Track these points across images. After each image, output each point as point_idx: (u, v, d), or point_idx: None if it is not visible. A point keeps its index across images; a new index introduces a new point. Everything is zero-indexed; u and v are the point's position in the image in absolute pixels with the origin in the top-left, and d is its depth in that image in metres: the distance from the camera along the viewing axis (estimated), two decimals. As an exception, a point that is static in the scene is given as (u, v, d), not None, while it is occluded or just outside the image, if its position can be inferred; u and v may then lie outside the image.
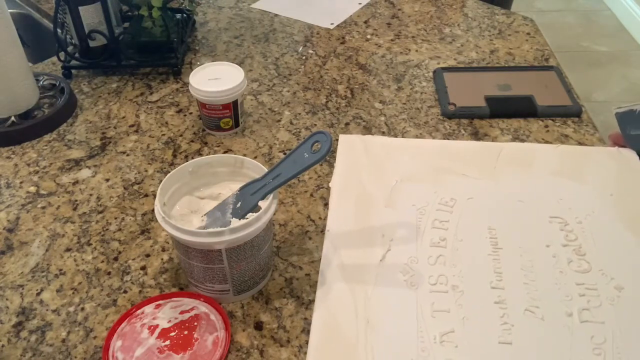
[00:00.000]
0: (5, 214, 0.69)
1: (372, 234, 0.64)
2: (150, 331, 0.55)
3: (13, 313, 0.58)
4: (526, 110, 0.83)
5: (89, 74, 0.93)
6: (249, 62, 0.96)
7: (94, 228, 0.67)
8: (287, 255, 0.64)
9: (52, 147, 0.79)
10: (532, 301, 0.57)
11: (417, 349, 0.53)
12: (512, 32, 1.04)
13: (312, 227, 0.67)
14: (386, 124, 0.82)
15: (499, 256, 0.62)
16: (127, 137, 0.80)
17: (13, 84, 0.78)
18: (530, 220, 0.66)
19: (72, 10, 0.85)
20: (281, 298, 0.59)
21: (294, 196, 0.71)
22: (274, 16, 1.09)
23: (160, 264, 0.63)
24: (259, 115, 0.84)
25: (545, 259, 0.61)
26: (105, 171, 0.75)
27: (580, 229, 0.64)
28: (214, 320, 0.56)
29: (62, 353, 0.55)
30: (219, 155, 0.60)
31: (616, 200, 0.68)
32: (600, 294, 0.58)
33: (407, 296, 0.58)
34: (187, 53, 0.97)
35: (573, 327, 0.55)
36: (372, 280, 0.59)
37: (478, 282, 0.59)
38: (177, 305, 0.57)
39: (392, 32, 1.04)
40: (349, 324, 0.55)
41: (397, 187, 0.70)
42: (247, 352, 0.55)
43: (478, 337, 0.54)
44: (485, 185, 0.70)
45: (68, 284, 0.61)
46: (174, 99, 0.88)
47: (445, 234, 0.64)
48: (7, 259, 0.64)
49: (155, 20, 0.90)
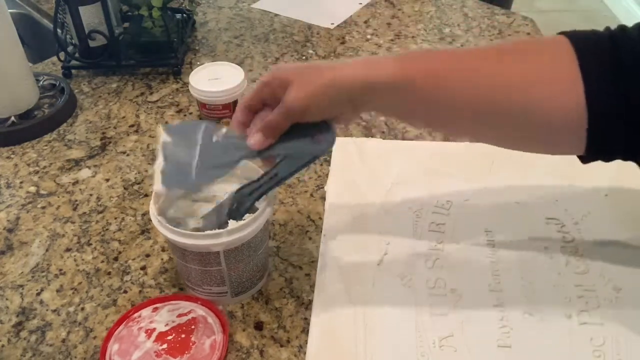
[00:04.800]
0: (5, 214, 0.69)
1: (369, 238, 0.64)
2: (147, 335, 0.55)
3: (13, 313, 0.59)
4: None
5: (89, 74, 0.93)
6: (249, 62, 0.96)
7: (94, 228, 0.67)
8: (287, 255, 0.64)
9: (52, 147, 0.79)
10: (530, 304, 0.57)
11: (417, 353, 0.53)
12: (512, 32, 1.04)
13: (312, 227, 0.67)
14: (386, 124, 0.82)
15: (496, 258, 0.62)
16: (127, 137, 0.80)
17: (13, 84, 0.78)
18: (527, 222, 0.66)
19: (72, 10, 0.85)
20: (281, 298, 0.60)
21: (294, 196, 0.71)
22: (274, 16, 1.09)
23: (160, 264, 0.63)
24: (258, 116, 0.84)
25: (542, 261, 0.61)
26: (105, 171, 0.75)
27: (577, 230, 0.65)
28: (212, 324, 0.56)
29: (62, 353, 0.55)
30: None
31: (612, 201, 0.68)
32: (598, 295, 0.58)
33: (405, 300, 0.58)
34: (187, 53, 0.97)
35: (572, 329, 0.55)
36: (369, 284, 0.59)
37: (476, 285, 0.59)
38: (174, 309, 0.57)
39: (392, 32, 1.04)
40: (347, 329, 0.55)
41: (393, 190, 0.70)
42: (247, 352, 0.55)
43: (477, 340, 0.54)
44: (481, 187, 0.70)
45: (68, 284, 0.61)
46: (174, 99, 0.88)
47: (442, 236, 0.64)
48: (7, 259, 0.64)
49: (155, 20, 0.90)
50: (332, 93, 0.49)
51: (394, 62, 0.50)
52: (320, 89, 0.49)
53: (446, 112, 0.51)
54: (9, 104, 0.79)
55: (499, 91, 0.48)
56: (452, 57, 0.52)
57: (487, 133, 0.53)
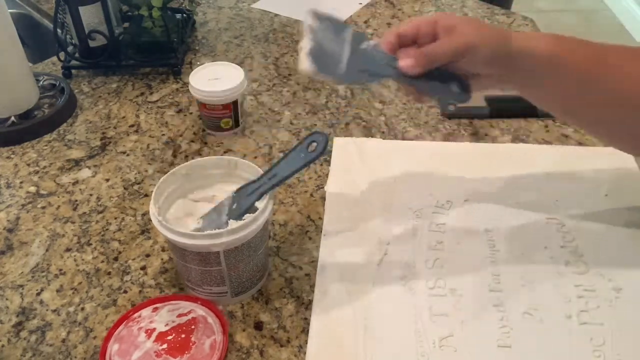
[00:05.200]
0: (5, 214, 0.69)
1: (369, 238, 0.64)
2: (147, 335, 0.55)
3: (13, 313, 0.59)
4: (526, 110, 0.83)
5: (89, 74, 0.93)
6: (249, 62, 0.96)
7: (94, 228, 0.67)
8: (287, 255, 0.64)
9: (52, 147, 0.79)
10: (530, 304, 0.57)
11: (417, 353, 0.53)
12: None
13: (312, 227, 0.67)
14: (386, 124, 0.82)
15: (496, 258, 0.62)
16: (127, 137, 0.80)
17: (13, 84, 0.78)
18: (527, 222, 0.66)
19: (72, 10, 0.85)
20: (281, 298, 0.60)
21: (294, 196, 0.71)
22: (274, 16, 1.09)
23: (160, 264, 0.63)
24: (259, 115, 0.84)
25: (543, 261, 0.61)
26: (105, 171, 0.75)
27: (577, 230, 0.65)
28: (212, 324, 0.56)
29: (62, 353, 0.55)
30: (212, 158, 0.60)
31: (612, 201, 0.68)
32: (598, 295, 0.58)
33: (405, 300, 0.58)
34: (187, 53, 0.97)
35: (572, 329, 0.55)
36: (369, 284, 0.59)
37: (476, 285, 0.59)
38: (174, 309, 0.57)
39: (392, 32, 1.04)
40: (347, 330, 0.55)
41: (393, 190, 0.70)
42: (247, 352, 0.55)
43: (477, 340, 0.54)
44: (481, 187, 0.70)
45: (68, 284, 0.61)
46: (174, 99, 0.88)
47: (442, 236, 0.64)
48: (7, 259, 0.64)
49: (155, 20, 0.90)
50: (495, 45, 0.52)
51: (552, 37, 0.53)
52: (487, 39, 0.52)
53: (596, 96, 0.54)
54: (9, 104, 0.79)
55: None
56: (603, 47, 0.54)
57: (621, 127, 0.56)
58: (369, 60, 0.54)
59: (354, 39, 0.54)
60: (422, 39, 0.54)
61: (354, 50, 0.54)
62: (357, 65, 0.53)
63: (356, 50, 0.54)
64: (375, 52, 0.54)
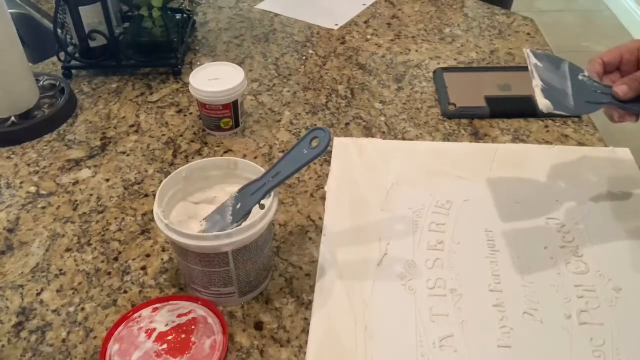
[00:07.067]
0: (5, 214, 0.69)
1: (369, 238, 0.64)
2: (147, 335, 0.55)
3: (13, 313, 0.59)
4: (526, 110, 0.83)
5: (89, 74, 0.93)
6: (249, 62, 0.96)
7: (94, 228, 0.67)
8: (287, 255, 0.64)
9: (52, 147, 0.79)
10: (530, 304, 0.57)
11: (417, 354, 0.53)
12: (512, 32, 1.04)
13: (312, 227, 0.67)
14: (386, 124, 0.82)
15: (496, 258, 0.62)
16: (127, 137, 0.80)
17: (13, 84, 0.78)
18: (527, 222, 0.66)
19: (72, 10, 0.85)
20: (281, 298, 0.60)
21: (294, 196, 0.71)
22: (274, 16, 1.09)
23: (160, 264, 0.63)
24: (259, 115, 0.84)
25: (542, 261, 0.61)
26: (105, 171, 0.75)
27: (576, 230, 0.65)
28: (212, 324, 0.56)
29: (62, 353, 0.55)
30: (212, 159, 0.60)
31: (611, 200, 0.68)
32: (598, 295, 0.58)
33: (405, 300, 0.58)
34: (187, 53, 0.97)
35: (572, 329, 0.55)
36: (369, 285, 0.59)
37: (476, 285, 0.59)
38: (174, 309, 0.57)
39: (392, 32, 1.04)
40: (347, 330, 0.55)
41: (393, 190, 0.70)
42: (247, 352, 0.55)
43: (477, 341, 0.54)
44: (481, 187, 0.70)
45: (68, 284, 0.61)
46: (174, 99, 0.88)
47: (442, 236, 0.64)
48: (7, 259, 0.64)
49: (155, 20, 0.90)
50: None
51: None
52: None
53: None
54: (9, 104, 0.79)
55: None
56: None
57: None
58: (587, 90, 0.60)
59: (571, 71, 0.62)
60: (625, 66, 0.61)
61: (574, 82, 0.61)
62: (582, 96, 0.60)
63: (575, 82, 0.61)
64: (592, 82, 0.61)
